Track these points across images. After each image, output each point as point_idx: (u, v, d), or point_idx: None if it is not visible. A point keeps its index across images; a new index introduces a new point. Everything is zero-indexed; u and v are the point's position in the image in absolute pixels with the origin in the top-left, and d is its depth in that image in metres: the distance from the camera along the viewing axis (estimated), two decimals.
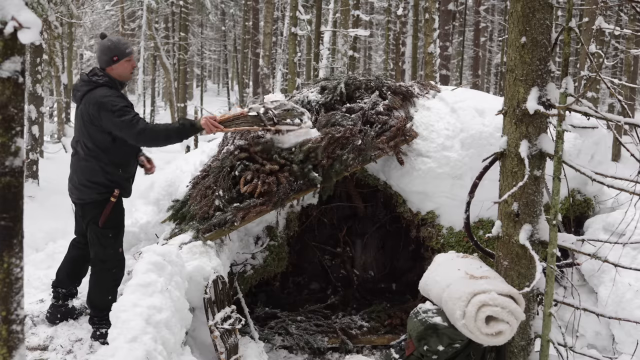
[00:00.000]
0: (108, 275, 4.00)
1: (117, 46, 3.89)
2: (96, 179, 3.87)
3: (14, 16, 1.50)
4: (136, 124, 3.73)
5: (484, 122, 4.71)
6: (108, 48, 3.87)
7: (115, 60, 3.87)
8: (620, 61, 19.87)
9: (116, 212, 3.97)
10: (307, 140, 4.25)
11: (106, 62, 3.88)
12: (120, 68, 3.91)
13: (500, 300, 2.97)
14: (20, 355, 1.65)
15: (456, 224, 4.58)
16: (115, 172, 3.90)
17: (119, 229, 4.02)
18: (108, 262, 3.98)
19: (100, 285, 4.01)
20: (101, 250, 3.96)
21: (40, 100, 8.46)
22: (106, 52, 3.87)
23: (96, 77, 3.88)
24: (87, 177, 3.89)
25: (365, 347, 4.65)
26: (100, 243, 3.95)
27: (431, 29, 11.88)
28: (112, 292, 4.02)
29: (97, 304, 4.02)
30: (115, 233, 3.98)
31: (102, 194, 3.89)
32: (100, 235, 3.94)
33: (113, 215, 3.94)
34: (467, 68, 25.18)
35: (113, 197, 3.90)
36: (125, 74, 3.96)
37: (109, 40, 3.94)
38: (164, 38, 22.17)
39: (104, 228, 3.92)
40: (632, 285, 4.05)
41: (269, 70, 17.48)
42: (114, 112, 3.74)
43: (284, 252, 4.81)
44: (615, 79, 15.85)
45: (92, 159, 3.87)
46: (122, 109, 3.76)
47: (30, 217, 4.52)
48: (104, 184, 3.88)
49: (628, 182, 2.84)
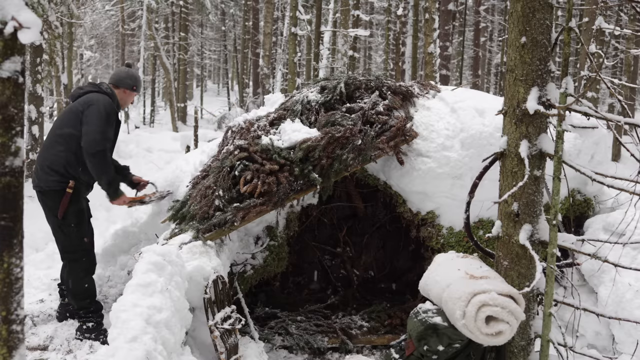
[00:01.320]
0: (77, 265, 4.16)
1: (139, 81, 4.51)
2: (56, 167, 4.04)
3: (14, 16, 1.50)
4: (101, 142, 4.00)
5: (484, 122, 4.71)
6: (135, 78, 4.46)
7: (133, 89, 4.45)
8: (620, 61, 19.87)
9: (75, 203, 4.12)
10: (307, 139, 4.26)
11: (126, 85, 4.40)
12: (128, 98, 4.46)
13: (500, 300, 2.97)
14: (20, 355, 1.65)
15: (456, 224, 4.58)
16: (74, 166, 4.07)
17: (79, 219, 4.16)
18: (76, 252, 4.16)
19: (72, 275, 4.17)
20: (67, 241, 4.14)
21: (40, 100, 8.46)
22: (132, 79, 4.42)
23: (105, 87, 4.32)
24: (48, 163, 4.07)
25: (365, 347, 4.65)
26: (64, 233, 4.12)
27: (431, 29, 11.88)
28: (86, 280, 4.20)
29: (77, 294, 4.18)
30: (76, 223, 4.13)
31: (58, 183, 4.05)
32: (61, 227, 4.11)
33: (72, 206, 4.10)
34: (467, 68, 25.18)
35: (69, 188, 4.06)
36: (126, 103, 4.48)
37: (136, 72, 4.59)
38: (164, 38, 22.18)
39: (64, 219, 4.08)
40: (632, 285, 4.05)
41: (269, 70, 17.49)
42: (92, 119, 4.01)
43: (284, 252, 4.81)
44: (615, 79, 15.84)
45: (60, 145, 4.07)
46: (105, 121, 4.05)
47: (30, 217, 4.51)
48: (62, 173, 4.05)
49: (628, 182, 2.84)
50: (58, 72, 13.31)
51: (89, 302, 4.20)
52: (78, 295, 4.18)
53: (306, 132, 4.33)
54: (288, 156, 4.22)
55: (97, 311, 4.22)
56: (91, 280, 4.23)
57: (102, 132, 3.99)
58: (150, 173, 9.32)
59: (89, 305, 4.19)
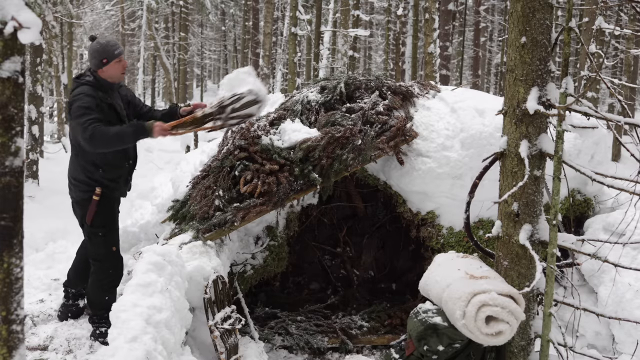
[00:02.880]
0: (104, 275, 3.99)
1: (106, 48, 3.85)
2: (79, 176, 3.90)
3: (14, 16, 1.50)
4: (86, 128, 3.63)
5: (484, 122, 4.71)
6: (97, 51, 3.84)
7: (104, 62, 3.84)
8: (620, 61, 19.86)
9: (103, 210, 3.93)
10: (306, 139, 4.26)
11: (96, 65, 3.85)
12: (111, 70, 3.87)
13: (500, 300, 2.97)
14: (20, 355, 1.65)
15: (456, 224, 4.58)
16: (94, 172, 3.88)
17: (108, 228, 3.99)
18: (104, 262, 3.98)
19: (96, 284, 4.02)
20: (94, 249, 3.97)
21: (40, 100, 8.46)
22: (95, 55, 3.84)
23: (83, 77, 3.88)
24: (72, 175, 3.95)
25: (365, 347, 4.65)
26: (92, 242, 3.96)
27: (431, 29, 11.88)
28: (109, 293, 4.01)
29: (95, 303, 4.04)
30: (105, 232, 3.96)
31: (85, 192, 3.90)
32: (90, 234, 3.95)
33: (100, 214, 3.91)
34: (467, 68, 25.17)
35: (95, 195, 3.86)
36: (116, 75, 3.92)
37: (97, 43, 3.89)
38: (164, 38, 22.17)
39: (92, 227, 3.91)
40: (632, 285, 4.05)
41: (269, 70, 17.48)
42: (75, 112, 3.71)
43: (284, 252, 4.81)
44: (615, 79, 15.86)
45: (75, 156, 3.93)
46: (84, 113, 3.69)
47: (30, 217, 4.52)
48: (85, 181, 3.89)
49: (628, 182, 2.84)
50: (58, 72, 13.32)
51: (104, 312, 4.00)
52: (96, 305, 4.02)
53: (306, 132, 4.33)
54: (288, 156, 4.22)
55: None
56: (113, 293, 4.03)
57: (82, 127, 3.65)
58: (150, 173, 9.34)
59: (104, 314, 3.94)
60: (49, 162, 10.11)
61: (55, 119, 15.44)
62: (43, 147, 10.55)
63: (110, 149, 3.76)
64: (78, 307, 4.30)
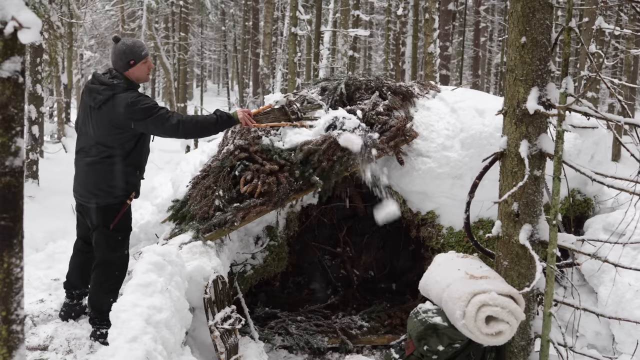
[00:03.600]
0: (111, 277, 3.99)
1: (132, 49, 3.80)
2: (115, 182, 3.80)
3: (14, 16, 1.50)
4: (171, 118, 3.72)
5: (484, 122, 4.71)
6: (123, 52, 3.78)
7: (131, 64, 3.79)
8: (620, 61, 19.86)
9: (128, 215, 3.98)
10: (307, 141, 4.25)
11: (123, 66, 3.79)
12: (138, 71, 3.84)
13: (500, 300, 2.97)
14: (20, 355, 1.65)
15: (456, 224, 4.58)
16: (133, 174, 3.87)
17: (127, 231, 4.02)
18: (114, 265, 3.97)
19: (102, 287, 4.01)
20: (109, 252, 3.93)
21: (40, 100, 8.45)
22: (122, 57, 3.78)
23: (117, 81, 3.78)
24: (106, 182, 3.80)
25: (365, 347, 4.65)
26: (109, 246, 3.91)
27: (431, 29, 11.88)
28: (113, 294, 4.00)
29: (97, 306, 4.02)
30: (124, 236, 3.98)
31: (119, 197, 3.85)
32: (109, 238, 3.90)
33: (124, 218, 3.94)
34: (467, 68, 25.17)
35: (129, 199, 3.89)
36: (142, 76, 3.88)
37: (123, 44, 3.82)
38: (164, 38, 22.18)
39: (114, 231, 3.88)
40: (632, 285, 4.05)
41: (269, 70, 17.48)
42: (147, 111, 3.69)
43: (284, 252, 4.81)
44: (615, 79, 15.85)
45: (112, 162, 3.80)
46: (154, 107, 3.73)
47: (30, 217, 4.52)
48: (122, 187, 3.83)
49: (628, 182, 2.84)
50: (58, 72, 13.31)
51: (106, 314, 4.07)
52: (98, 308, 4.01)
53: (307, 134, 4.33)
54: (288, 157, 4.22)
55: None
56: (116, 296, 3.98)
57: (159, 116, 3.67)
58: (150, 173, 9.34)
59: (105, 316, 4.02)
60: (49, 162, 10.11)
61: (55, 119, 15.44)
62: (43, 147, 10.55)
63: (194, 136, 3.89)
64: (81, 306, 4.31)
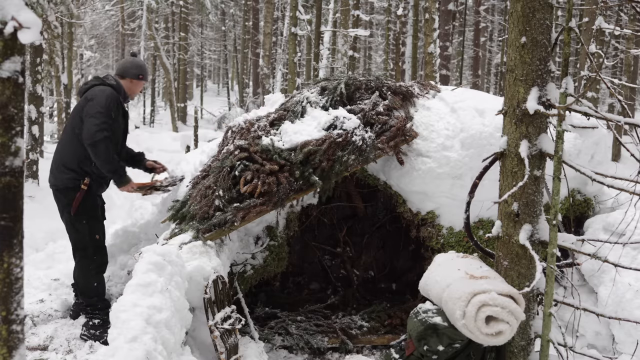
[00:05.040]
0: (89, 262, 4.19)
1: (145, 69, 4.47)
2: (70, 164, 4.10)
3: (14, 16, 1.50)
4: (96, 133, 3.95)
5: (484, 122, 4.71)
6: (139, 66, 4.42)
7: (140, 78, 4.40)
8: (620, 61, 19.86)
9: (88, 200, 4.15)
10: (307, 141, 4.26)
11: (132, 74, 4.37)
12: (135, 87, 4.41)
13: (500, 300, 2.97)
14: (20, 355, 1.65)
15: (456, 224, 4.58)
16: (88, 164, 4.09)
17: (91, 216, 4.19)
18: (88, 249, 4.18)
19: (83, 271, 4.21)
20: (78, 237, 4.16)
21: (40, 100, 8.46)
22: (136, 68, 4.39)
23: (110, 79, 4.27)
24: (63, 162, 4.14)
25: (365, 347, 4.65)
26: (77, 230, 4.15)
27: (431, 29, 11.88)
28: (96, 279, 4.24)
29: (84, 291, 4.25)
30: (87, 219, 4.15)
31: (72, 180, 4.10)
32: (75, 223, 4.13)
33: (85, 204, 4.12)
34: (467, 68, 25.17)
35: (84, 185, 4.09)
36: (134, 92, 4.44)
37: (140, 60, 4.53)
38: (164, 38, 22.18)
39: (76, 215, 4.10)
40: (632, 285, 4.05)
41: (269, 70, 17.49)
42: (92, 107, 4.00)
43: (284, 252, 4.81)
44: (615, 79, 15.85)
45: (70, 143, 4.14)
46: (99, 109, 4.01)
47: (30, 217, 4.51)
48: (76, 170, 4.09)
49: (628, 182, 2.84)
50: (58, 72, 13.31)
51: (96, 300, 4.26)
52: (86, 293, 4.25)
53: (307, 135, 4.32)
54: (288, 157, 4.22)
55: (105, 309, 4.22)
56: (101, 279, 4.28)
57: (98, 123, 3.95)
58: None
59: (96, 303, 4.25)
60: (49, 162, 10.09)
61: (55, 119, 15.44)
62: (43, 147, 10.55)
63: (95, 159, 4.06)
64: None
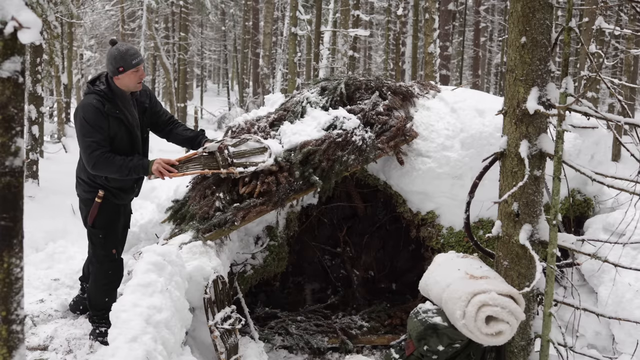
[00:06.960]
0: (104, 276, 4.03)
1: (124, 56, 3.72)
2: (83, 177, 3.96)
3: (14, 16, 1.50)
4: (89, 155, 3.68)
5: (484, 122, 4.71)
6: (114, 58, 3.73)
7: (120, 70, 3.74)
8: (620, 61, 19.86)
9: (105, 213, 3.94)
10: (307, 142, 4.25)
11: (112, 71, 3.76)
12: (126, 79, 3.78)
13: (500, 300, 2.97)
14: (20, 355, 1.65)
15: (456, 224, 4.58)
16: (98, 176, 3.88)
17: (109, 230, 4.00)
18: (103, 264, 4.01)
19: (96, 286, 4.06)
20: (95, 250, 4.02)
21: (40, 100, 8.45)
22: (112, 62, 3.73)
23: (96, 85, 3.81)
24: (78, 173, 4.02)
25: (365, 347, 4.65)
26: (92, 242, 4.01)
27: (431, 29, 11.88)
28: (108, 294, 4.04)
29: (94, 304, 4.06)
30: (105, 234, 3.98)
31: (88, 192, 3.95)
32: (91, 235, 4.00)
33: (101, 217, 3.93)
34: (467, 68, 25.18)
35: (98, 197, 3.89)
36: (131, 85, 3.83)
37: (116, 49, 3.76)
38: (164, 38, 22.17)
39: (93, 227, 3.95)
40: (632, 285, 4.05)
41: (269, 70, 17.49)
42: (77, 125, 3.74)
43: (284, 252, 4.81)
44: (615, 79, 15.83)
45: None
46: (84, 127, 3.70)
47: (30, 217, 4.52)
48: (87, 182, 3.93)
49: (628, 182, 2.84)
50: (58, 72, 13.31)
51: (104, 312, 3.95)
52: (95, 306, 4.05)
53: (307, 135, 4.32)
54: (288, 157, 4.22)
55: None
56: (113, 295, 4.04)
57: (85, 147, 3.69)
58: None
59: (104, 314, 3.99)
60: (49, 162, 10.11)
61: (55, 119, 15.44)
62: (43, 147, 10.55)
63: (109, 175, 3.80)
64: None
